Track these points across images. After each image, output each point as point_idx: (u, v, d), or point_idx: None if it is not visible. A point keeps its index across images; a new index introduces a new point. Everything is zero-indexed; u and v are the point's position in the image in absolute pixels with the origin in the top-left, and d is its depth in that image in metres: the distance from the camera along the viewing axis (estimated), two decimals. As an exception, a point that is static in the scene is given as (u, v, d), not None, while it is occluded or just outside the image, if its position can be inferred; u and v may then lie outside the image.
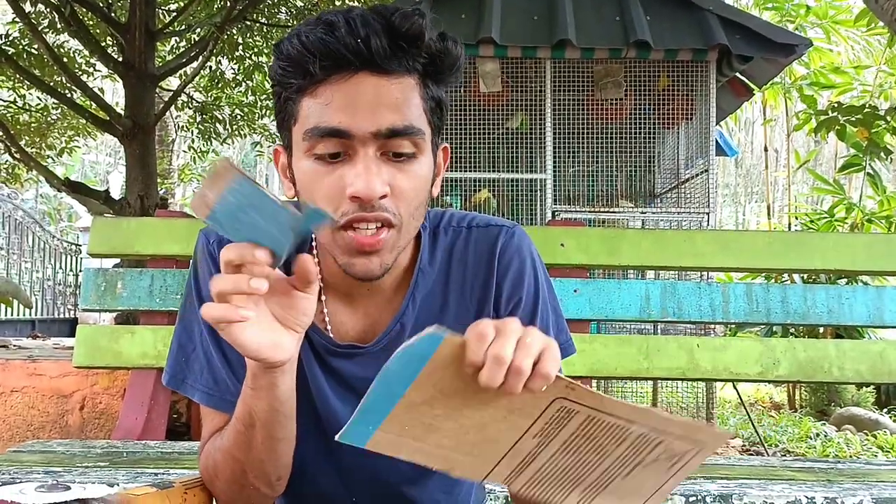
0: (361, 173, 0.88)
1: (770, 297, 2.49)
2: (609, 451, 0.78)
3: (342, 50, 0.86)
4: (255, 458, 0.94)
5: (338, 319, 1.03)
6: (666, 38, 4.24)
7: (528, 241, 1.09)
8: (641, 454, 0.78)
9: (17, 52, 7.14)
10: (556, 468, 0.81)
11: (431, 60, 0.91)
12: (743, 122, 15.73)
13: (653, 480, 0.81)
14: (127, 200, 6.34)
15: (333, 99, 0.88)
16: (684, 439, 0.77)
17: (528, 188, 4.59)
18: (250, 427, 0.92)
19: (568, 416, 0.76)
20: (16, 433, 3.17)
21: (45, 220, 14.50)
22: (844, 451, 4.51)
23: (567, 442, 0.78)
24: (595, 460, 0.79)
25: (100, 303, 2.50)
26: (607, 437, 0.77)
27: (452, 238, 1.07)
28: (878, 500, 1.74)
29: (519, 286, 1.05)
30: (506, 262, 1.05)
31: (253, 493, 0.98)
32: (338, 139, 0.89)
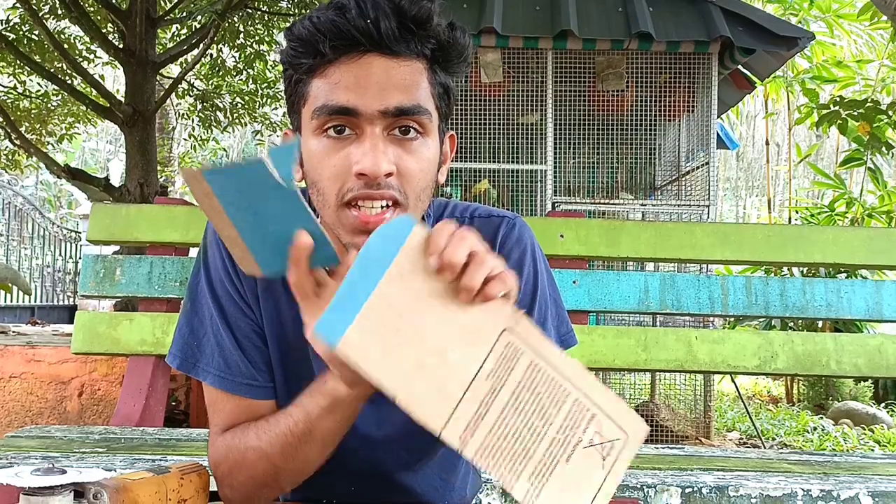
0: (368, 151, 0.89)
1: (769, 291, 2.49)
2: (551, 415, 0.80)
3: (352, 31, 0.88)
4: (298, 468, 0.96)
5: None
6: (668, 29, 4.23)
7: (530, 232, 1.09)
8: (578, 429, 0.80)
9: (17, 37, 7.12)
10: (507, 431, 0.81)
11: (440, 46, 0.93)
12: (744, 115, 15.70)
13: (591, 474, 0.81)
14: (127, 188, 6.33)
15: (342, 79, 0.90)
16: (612, 421, 0.79)
17: (528, 179, 4.59)
18: (306, 442, 0.93)
19: (515, 355, 0.78)
20: (14, 419, 3.17)
21: (44, 207, 14.50)
22: (841, 445, 4.52)
23: (515, 393, 0.79)
24: (540, 427, 0.80)
25: (99, 289, 2.50)
26: (549, 396, 0.79)
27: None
28: (875, 494, 1.75)
29: (518, 276, 1.05)
30: (506, 252, 1.06)
31: (277, 492, 1.00)
32: (346, 117, 0.90)
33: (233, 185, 0.77)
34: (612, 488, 0.81)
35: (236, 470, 0.99)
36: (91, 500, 0.80)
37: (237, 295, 1.03)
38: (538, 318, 1.07)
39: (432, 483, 1.15)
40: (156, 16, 6.51)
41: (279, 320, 1.03)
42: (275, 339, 1.04)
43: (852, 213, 6.28)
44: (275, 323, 1.03)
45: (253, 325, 1.04)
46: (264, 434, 0.97)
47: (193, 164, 13.21)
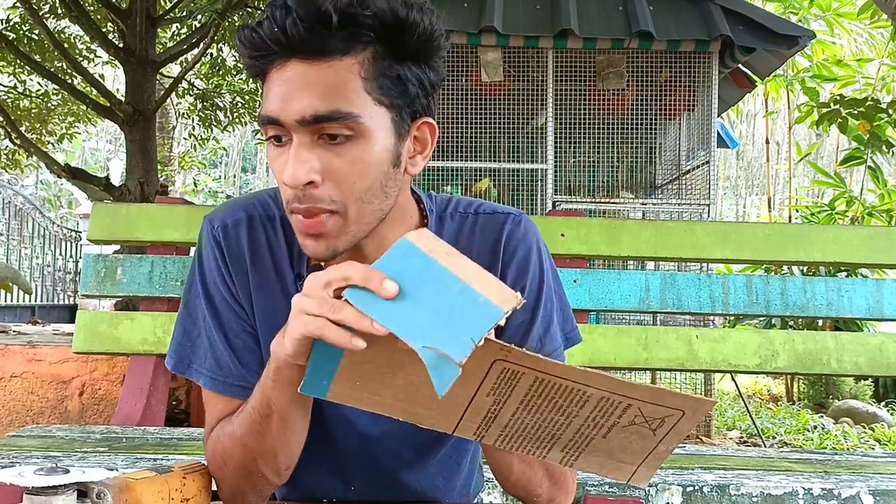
0: (290, 161, 0.88)
1: (770, 290, 2.49)
2: (573, 412, 0.79)
3: (266, 41, 0.87)
4: (268, 447, 0.95)
5: None
6: (669, 28, 4.23)
7: (535, 229, 1.08)
8: (612, 416, 0.78)
9: (17, 37, 7.11)
10: (524, 426, 0.81)
11: (385, 36, 0.89)
12: (744, 114, 15.70)
13: (640, 443, 0.81)
14: (127, 187, 6.33)
15: (272, 88, 0.89)
16: (657, 405, 0.77)
17: (528, 178, 4.59)
18: (267, 417, 0.92)
19: (514, 377, 0.76)
20: (15, 418, 3.18)
21: (45, 207, 14.50)
22: (842, 444, 4.52)
23: (525, 402, 0.78)
24: (562, 420, 0.80)
25: (99, 289, 2.50)
26: (566, 399, 0.77)
27: (459, 224, 1.07)
28: (876, 492, 1.75)
29: (524, 274, 1.05)
30: (511, 249, 1.05)
31: (260, 480, 0.99)
32: (277, 126, 0.89)
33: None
34: (668, 451, 0.80)
35: (223, 462, 0.99)
36: (94, 500, 0.80)
37: (230, 296, 1.03)
38: (544, 314, 1.05)
39: (434, 482, 1.15)
40: (156, 15, 6.51)
41: (273, 319, 1.02)
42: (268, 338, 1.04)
43: (852, 211, 6.28)
44: (269, 322, 1.03)
45: (245, 326, 1.03)
46: (236, 419, 0.97)
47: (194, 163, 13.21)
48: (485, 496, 1.71)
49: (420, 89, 0.93)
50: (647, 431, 0.79)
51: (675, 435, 0.79)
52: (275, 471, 0.98)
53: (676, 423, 0.78)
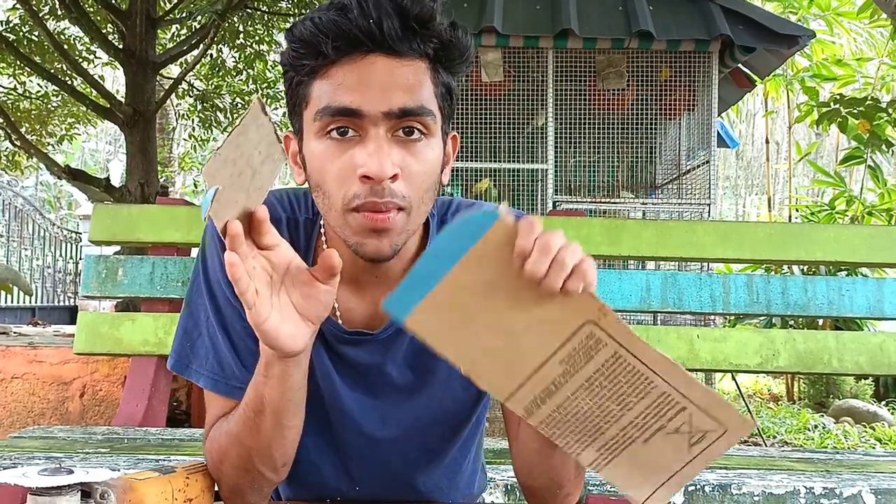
0: (373, 153, 0.88)
1: (770, 289, 2.49)
2: (631, 403, 0.78)
3: (354, 31, 0.87)
4: (263, 444, 0.94)
5: (346, 306, 1.03)
6: (669, 28, 4.23)
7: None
8: (663, 417, 0.78)
9: (17, 38, 7.12)
10: (577, 410, 0.80)
11: (442, 46, 0.92)
12: (744, 113, 15.71)
13: (672, 457, 0.80)
14: (127, 188, 6.34)
15: (345, 80, 0.89)
16: (707, 414, 0.77)
17: (529, 178, 4.59)
18: (260, 413, 0.92)
19: (596, 346, 0.76)
20: (16, 419, 3.18)
21: (44, 208, 14.50)
22: (842, 443, 4.53)
23: (591, 379, 0.78)
24: (616, 411, 0.79)
25: (100, 290, 2.50)
26: (630, 385, 0.77)
27: None
28: (877, 491, 1.75)
29: None
30: None
31: (258, 477, 0.98)
32: (349, 118, 0.89)
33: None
34: (694, 474, 0.80)
35: (220, 460, 0.99)
36: (98, 500, 0.81)
37: (234, 297, 1.01)
38: None
39: (438, 484, 1.15)
40: (156, 16, 6.51)
41: None
42: None
43: (852, 210, 6.28)
44: None
45: (248, 328, 0.99)
46: (231, 418, 0.97)
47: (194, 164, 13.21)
48: (486, 496, 1.71)
49: (454, 101, 0.97)
50: (685, 444, 0.79)
51: (706, 455, 0.79)
52: (271, 467, 0.98)
53: (714, 441, 0.78)
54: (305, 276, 0.84)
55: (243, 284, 0.78)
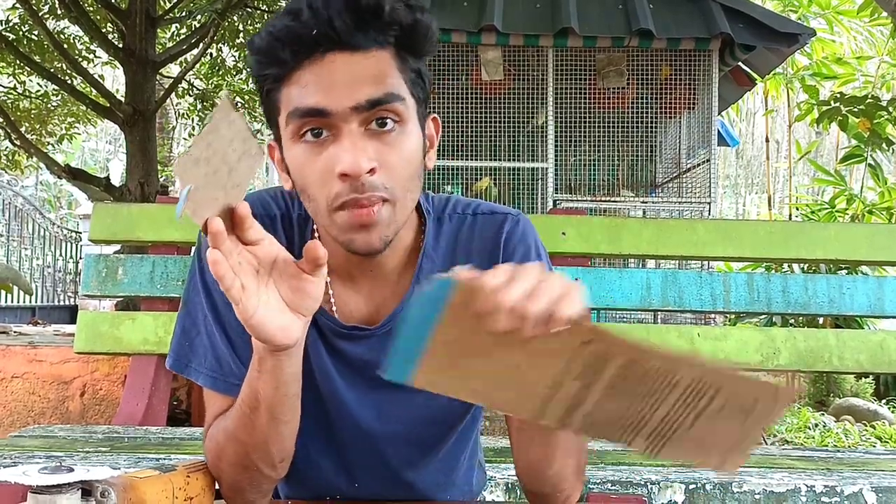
0: (348, 149, 0.88)
1: (771, 287, 2.49)
2: (661, 398, 0.77)
3: (308, 34, 0.88)
4: (259, 440, 0.94)
5: (342, 301, 1.04)
6: (669, 26, 4.23)
7: (533, 228, 1.09)
8: (700, 401, 0.76)
9: (17, 37, 7.12)
10: (609, 415, 0.79)
11: (403, 32, 0.91)
12: (744, 112, 15.69)
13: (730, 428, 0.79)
14: (127, 187, 6.34)
15: (309, 82, 0.90)
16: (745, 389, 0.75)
17: (529, 177, 4.59)
18: (255, 409, 0.92)
19: (604, 361, 0.75)
20: (17, 419, 3.17)
21: (44, 208, 14.50)
22: (843, 442, 4.52)
23: (612, 385, 0.77)
24: (647, 409, 0.78)
25: (101, 289, 2.50)
26: (655, 383, 0.76)
27: (458, 224, 1.07)
28: (879, 489, 1.75)
29: None
30: (511, 249, 1.05)
31: (256, 474, 0.98)
32: (319, 118, 0.90)
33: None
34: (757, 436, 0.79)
35: (218, 458, 0.99)
36: (98, 499, 0.80)
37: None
38: None
39: (435, 479, 1.15)
40: (155, 15, 6.51)
41: None
42: None
43: (853, 209, 6.27)
44: None
45: None
46: (230, 415, 0.97)
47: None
48: (487, 494, 1.71)
49: (427, 83, 0.96)
50: (738, 415, 0.77)
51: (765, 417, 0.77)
52: (269, 464, 0.97)
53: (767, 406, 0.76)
54: (293, 269, 0.83)
55: (228, 281, 0.78)
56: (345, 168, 0.87)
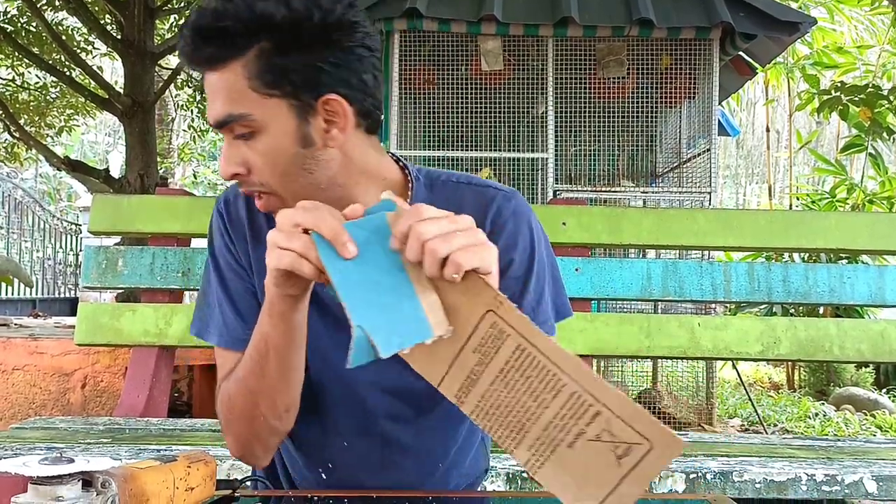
0: (222, 157, 1.00)
1: (772, 277, 2.49)
2: (545, 400, 0.78)
3: (185, 57, 0.98)
4: (267, 386, 1.01)
5: None
6: (669, 16, 4.21)
7: (528, 207, 1.11)
8: (580, 420, 0.76)
9: (15, 29, 7.10)
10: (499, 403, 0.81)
11: (267, 35, 0.94)
12: (745, 102, 15.67)
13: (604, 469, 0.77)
14: (127, 179, 6.33)
15: None
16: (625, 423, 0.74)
17: (529, 167, 4.58)
18: (265, 355, 0.98)
19: (501, 336, 0.77)
20: (18, 411, 3.18)
21: (44, 200, 14.48)
22: (843, 431, 4.54)
23: (504, 371, 0.79)
24: (534, 407, 0.79)
25: (101, 281, 2.50)
26: (540, 381, 0.77)
27: (451, 191, 1.11)
28: (879, 478, 1.75)
29: (512, 247, 1.06)
30: (501, 222, 1.07)
31: (262, 426, 1.04)
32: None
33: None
34: (633, 493, 0.76)
35: (228, 410, 1.06)
36: (99, 489, 0.80)
37: (234, 260, 1.12)
38: (536, 287, 1.07)
39: (429, 446, 1.15)
40: (154, 6, 6.49)
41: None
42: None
43: (853, 199, 6.27)
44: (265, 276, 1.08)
45: (247, 286, 1.12)
46: (241, 365, 1.04)
47: (193, 155, 13.20)
48: (488, 484, 1.71)
49: (316, 71, 0.96)
50: (612, 457, 0.76)
51: (641, 475, 0.75)
52: (275, 413, 1.03)
53: (643, 457, 0.74)
54: None
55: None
56: (220, 174, 0.99)
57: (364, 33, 0.99)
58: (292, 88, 0.96)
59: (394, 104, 4.26)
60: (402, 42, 4.28)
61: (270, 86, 0.96)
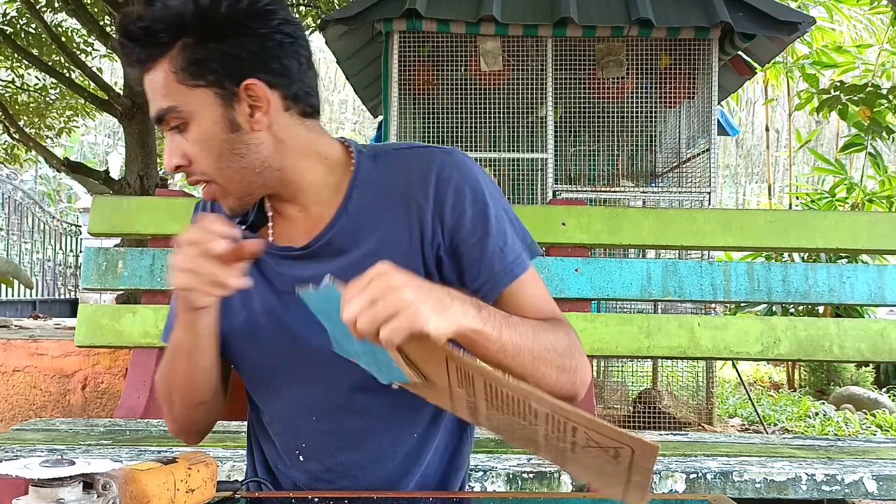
0: (165, 151, 1.06)
1: (771, 277, 2.49)
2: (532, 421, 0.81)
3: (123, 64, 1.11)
4: (179, 381, 1.13)
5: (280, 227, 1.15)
6: (668, 15, 4.21)
7: (471, 160, 1.14)
8: (566, 434, 0.79)
9: (15, 31, 7.10)
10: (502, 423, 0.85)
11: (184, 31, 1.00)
12: (744, 101, 15.66)
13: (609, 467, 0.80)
14: (126, 180, 6.33)
15: None
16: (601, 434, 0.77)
17: (529, 168, 4.58)
18: (175, 355, 1.11)
19: (469, 376, 0.82)
20: (18, 412, 3.18)
21: (44, 202, 14.48)
22: (843, 430, 4.54)
23: (489, 401, 0.83)
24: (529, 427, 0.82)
25: (101, 282, 2.50)
26: (519, 408, 0.81)
27: (395, 158, 1.13)
28: (879, 477, 1.75)
29: (461, 198, 1.08)
30: (445, 177, 1.09)
31: (179, 412, 1.16)
32: None
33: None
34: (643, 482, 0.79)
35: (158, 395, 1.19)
36: (100, 491, 0.81)
37: None
38: (497, 229, 1.09)
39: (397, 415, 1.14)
40: (153, 7, 6.47)
41: None
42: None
43: (853, 198, 6.26)
44: None
45: None
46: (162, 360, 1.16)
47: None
48: (489, 484, 1.71)
49: (235, 59, 1.02)
50: (609, 457, 0.79)
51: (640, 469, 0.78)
52: (188, 404, 1.15)
53: (632, 457, 0.77)
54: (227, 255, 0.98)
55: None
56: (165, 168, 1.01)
57: (281, 20, 1.04)
58: (215, 77, 1.02)
59: (393, 105, 4.26)
60: (401, 43, 4.29)
61: (194, 77, 1.01)
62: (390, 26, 4.25)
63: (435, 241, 1.09)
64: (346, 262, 1.08)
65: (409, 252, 1.08)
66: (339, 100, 23.97)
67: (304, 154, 1.09)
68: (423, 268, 1.09)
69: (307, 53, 1.08)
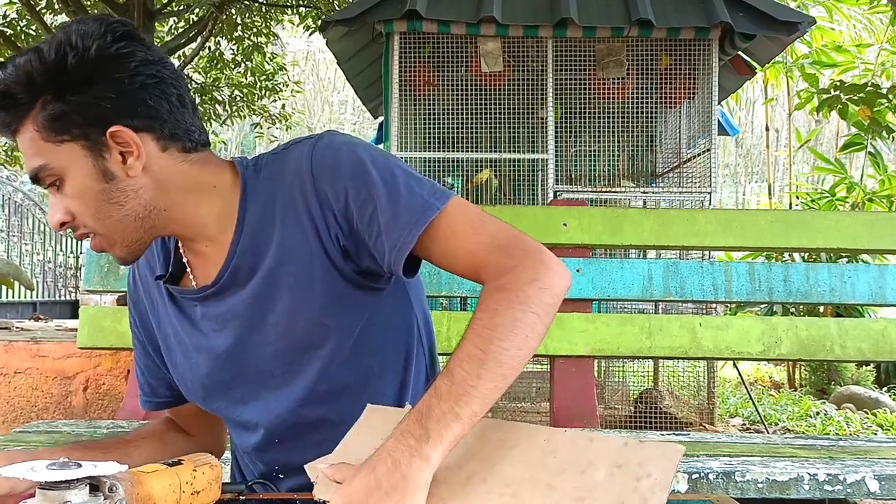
0: (49, 210, 1.05)
1: (772, 276, 2.50)
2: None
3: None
4: None
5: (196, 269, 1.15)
6: (668, 16, 4.21)
7: (344, 136, 1.10)
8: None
9: (15, 32, 7.10)
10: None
11: (42, 88, 0.98)
12: (744, 101, 15.66)
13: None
14: (127, 182, 6.32)
15: None
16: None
17: (529, 168, 4.58)
18: None
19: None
20: (20, 414, 3.18)
21: (44, 203, 14.47)
22: (844, 430, 4.54)
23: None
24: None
25: (102, 284, 2.51)
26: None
27: (273, 163, 1.11)
28: (881, 477, 1.75)
29: (337, 174, 1.04)
30: (318, 159, 1.06)
31: None
32: None
33: None
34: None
35: None
36: (106, 494, 0.81)
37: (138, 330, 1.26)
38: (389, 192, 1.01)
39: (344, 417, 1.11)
40: (153, 9, 6.50)
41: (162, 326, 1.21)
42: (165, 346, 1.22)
43: (853, 197, 6.27)
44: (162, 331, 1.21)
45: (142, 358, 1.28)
46: None
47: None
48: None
49: (95, 109, 0.99)
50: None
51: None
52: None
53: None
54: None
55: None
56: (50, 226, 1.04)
57: (140, 62, 1.01)
58: (79, 130, 1.00)
59: (394, 106, 4.27)
60: (401, 44, 4.29)
61: (58, 132, 1.00)
62: (391, 27, 4.25)
63: (332, 232, 1.05)
64: (257, 282, 1.08)
65: (311, 253, 1.06)
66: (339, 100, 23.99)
67: (193, 189, 1.07)
68: (332, 264, 1.06)
69: (177, 91, 1.06)
